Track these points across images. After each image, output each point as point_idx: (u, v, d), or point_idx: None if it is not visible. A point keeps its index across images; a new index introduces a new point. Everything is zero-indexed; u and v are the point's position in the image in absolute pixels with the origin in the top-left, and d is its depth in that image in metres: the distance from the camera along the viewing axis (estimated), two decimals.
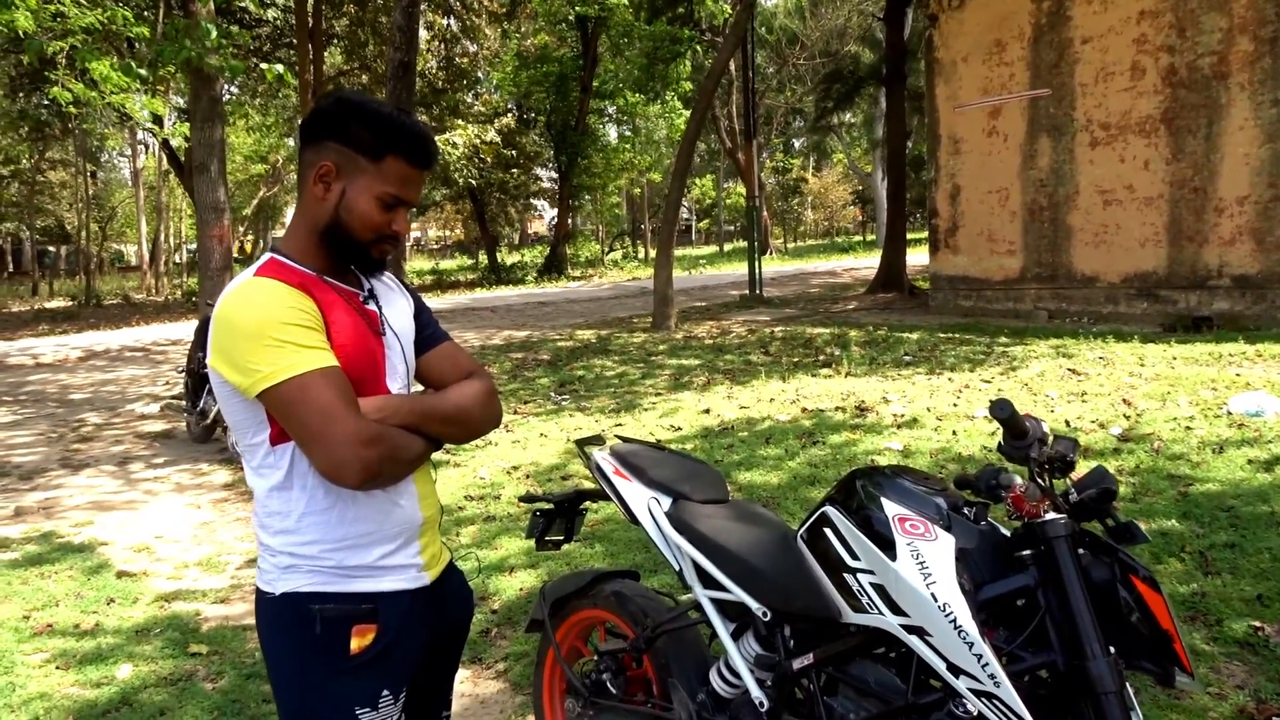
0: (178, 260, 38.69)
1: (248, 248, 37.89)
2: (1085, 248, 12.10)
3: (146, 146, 35.39)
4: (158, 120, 11.61)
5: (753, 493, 5.07)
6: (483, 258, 34.59)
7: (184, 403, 7.85)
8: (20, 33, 9.20)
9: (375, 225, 1.55)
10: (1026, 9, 12.45)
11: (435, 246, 54.30)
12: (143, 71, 8.91)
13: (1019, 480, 1.81)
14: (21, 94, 21.70)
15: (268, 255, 1.59)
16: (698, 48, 23.03)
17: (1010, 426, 1.72)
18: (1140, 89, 11.31)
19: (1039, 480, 1.72)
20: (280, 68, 10.82)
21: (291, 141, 36.49)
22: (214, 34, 8.89)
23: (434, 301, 21.66)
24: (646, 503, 2.29)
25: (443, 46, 24.59)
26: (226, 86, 23.26)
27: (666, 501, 2.29)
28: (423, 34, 23.39)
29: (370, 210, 1.53)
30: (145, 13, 15.82)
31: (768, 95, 35.01)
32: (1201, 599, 3.36)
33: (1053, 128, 12.30)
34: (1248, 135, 10.37)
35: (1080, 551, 1.67)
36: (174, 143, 19.21)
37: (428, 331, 1.74)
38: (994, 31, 12.87)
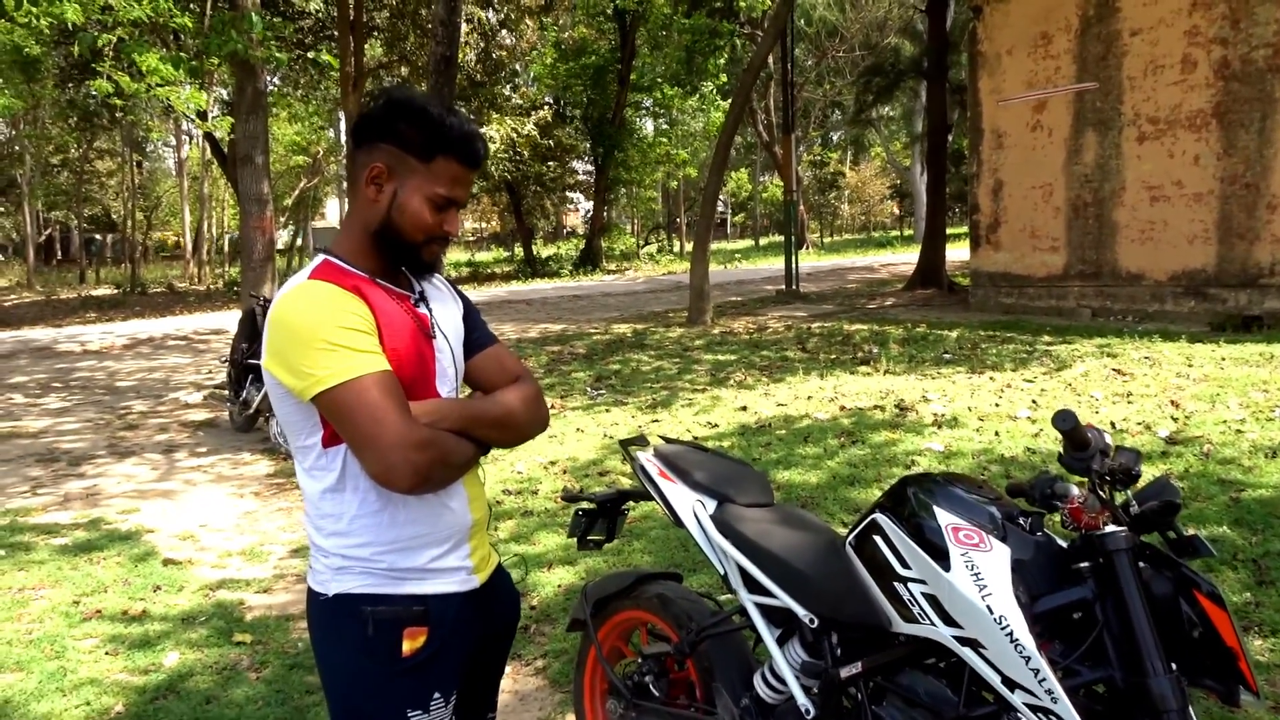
0: (220, 250, 39.31)
1: (287, 239, 38.37)
2: (1131, 245, 11.86)
3: (191, 137, 35.97)
4: (201, 114, 11.74)
5: (792, 492, 5.04)
6: (518, 250, 34.74)
7: (227, 392, 7.98)
8: (70, 25, 9.35)
9: (426, 226, 1.56)
10: (1074, 1, 12.21)
11: (471, 239, 54.61)
12: (193, 64, 9.03)
13: (1076, 490, 1.77)
14: (70, 85, 22.12)
15: (321, 257, 1.59)
16: (736, 41, 22.89)
17: (1073, 438, 1.68)
18: (1191, 82, 11.05)
19: (1099, 492, 1.68)
20: (326, 56, 10.92)
21: (332, 133, 36.87)
22: (259, 26, 8.99)
23: (470, 294, 21.78)
24: (691, 505, 2.27)
25: (481, 39, 24.65)
26: (269, 78, 23.56)
27: (711, 504, 2.27)
28: (462, 27, 23.51)
29: (421, 211, 1.54)
30: (191, 5, 16.04)
31: (806, 88, 34.70)
32: (1256, 609, 3.28)
33: (1099, 122, 12.06)
34: None
35: (1141, 565, 1.63)
36: (217, 134, 19.50)
37: (476, 334, 1.74)
38: (1040, 24, 12.63)
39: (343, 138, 30.81)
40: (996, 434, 5.89)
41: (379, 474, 1.44)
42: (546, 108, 29.13)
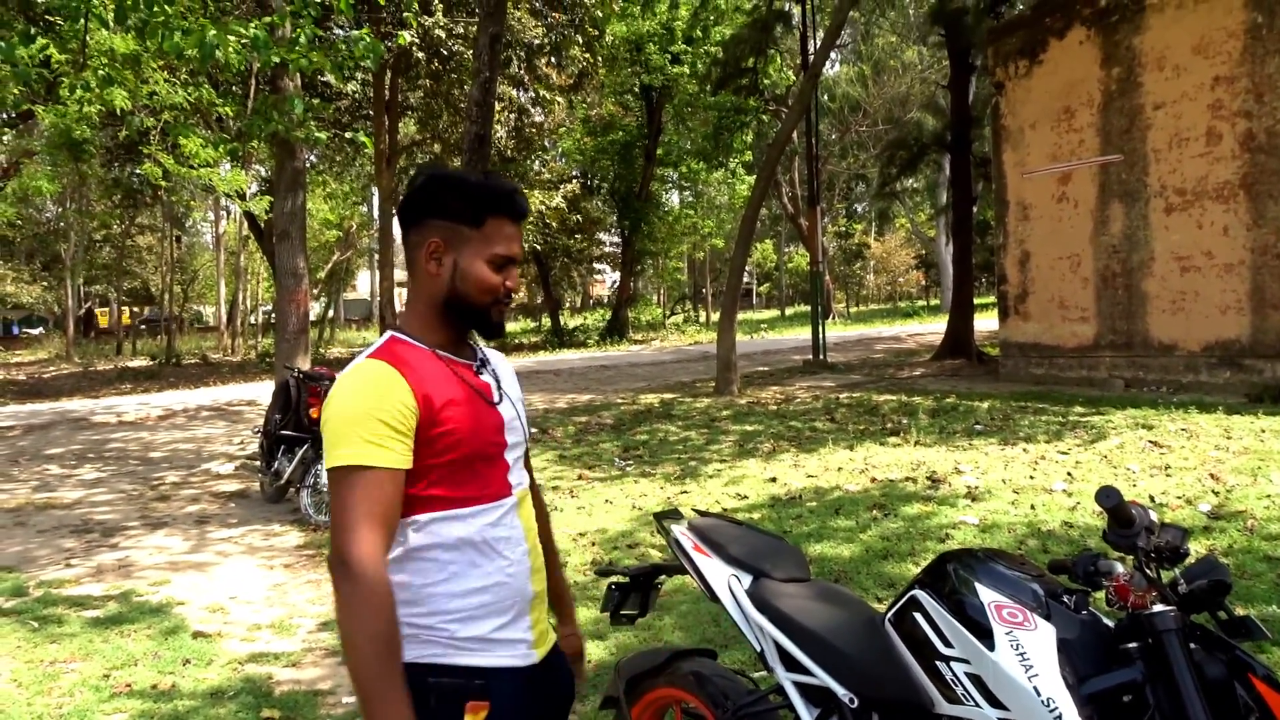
0: (253, 322, 40.05)
1: (319, 310, 39.07)
2: (1162, 315, 11.78)
3: (228, 212, 37.00)
4: (240, 194, 12.12)
5: (825, 566, 4.96)
6: (546, 320, 35.08)
7: (258, 463, 8.04)
8: (118, 109, 9.75)
9: (491, 287, 1.63)
10: (1096, 76, 12.38)
11: None
12: (234, 145, 9.37)
13: (1120, 568, 1.74)
14: (116, 164, 22.94)
15: (389, 335, 1.65)
16: (762, 117, 23.35)
17: (1117, 515, 1.66)
18: (1217, 154, 11.09)
19: (1146, 570, 1.65)
20: (365, 137, 11.29)
21: (365, 208, 37.79)
22: (300, 108, 9.33)
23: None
24: (727, 580, 2.25)
25: (513, 116, 25.38)
26: (307, 156, 24.32)
27: (747, 579, 2.25)
28: (495, 106, 24.21)
29: (484, 275, 1.62)
30: (234, 88, 16.69)
31: (830, 162, 35.22)
32: None
33: (1125, 193, 12.10)
34: None
35: (1192, 646, 1.59)
36: (255, 211, 20.12)
37: None
38: (1062, 99, 12.80)
39: (375, 212, 31.56)
40: (1032, 507, 5.79)
41: (330, 553, 1.50)
42: (575, 181, 29.75)
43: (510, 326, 41.19)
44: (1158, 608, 1.61)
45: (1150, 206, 11.83)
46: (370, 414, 1.49)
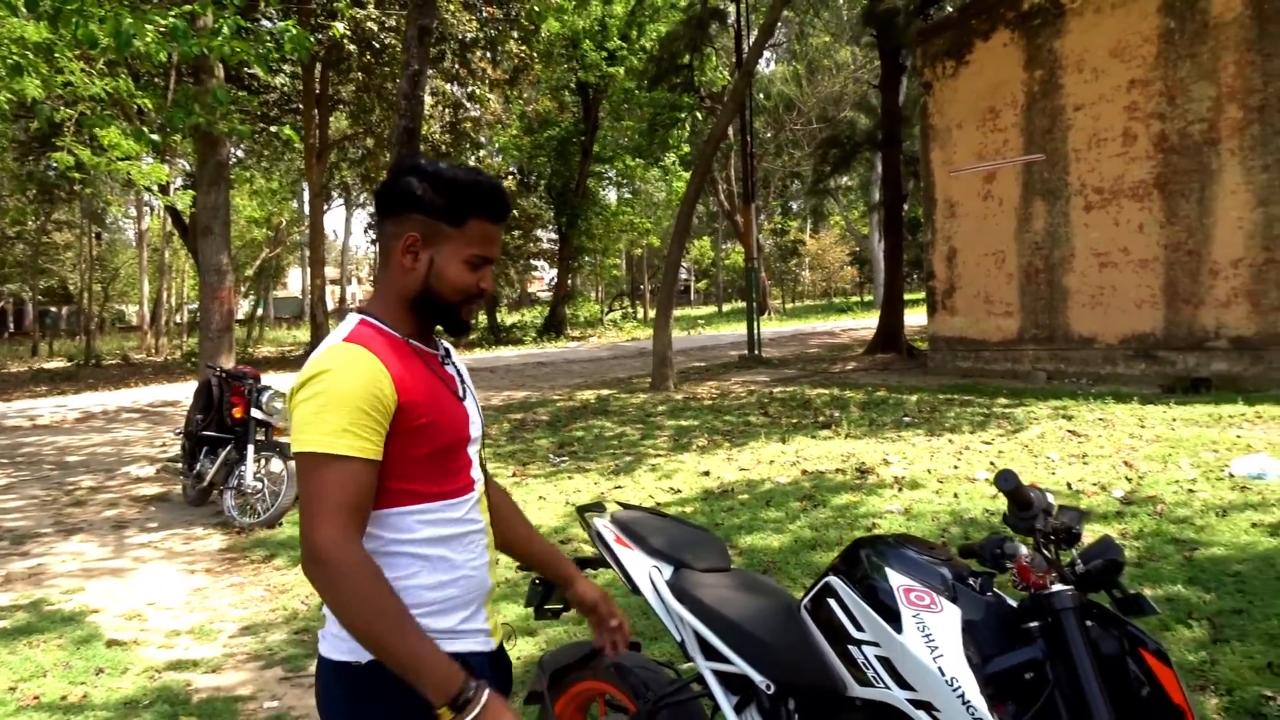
0: (178, 321, 38.87)
1: (248, 308, 38.08)
2: (1082, 309, 12.17)
3: (151, 208, 35.86)
4: (163, 187, 11.75)
5: (755, 557, 5.01)
6: (482, 318, 34.75)
7: (180, 465, 7.80)
8: (30, 99, 9.36)
9: (465, 287, 1.60)
10: (1019, 78, 12.73)
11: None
12: (154, 137, 9.06)
13: (1024, 550, 1.79)
14: (30, 157, 22.04)
15: (357, 318, 1.60)
16: (697, 114, 23.48)
17: (1015, 498, 1.71)
18: (1132, 154, 11.50)
19: (1044, 551, 1.70)
20: (292, 132, 11.02)
21: (295, 204, 36.97)
22: (224, 99, 9.08)
23: None
24: (648, 572, 2.26)
25: (448, 111, 25.06)
26: (232, 150, 23.66)
27: (668, 570, 2.26)
28: (428, 100, 23.87)
29: (460, 274, 1.59)
30: (156, 79, 16.15)
31: (765, 159, 35.58)
32: (1211, 667, 3.30)
33: (1047, 192, 12.47)
34: (1240, 200, 10.51)
35: (1089, 624, 1.64)
36: (179, 205, 19.53)
37: None
38: (987, 99, 13.14)
39: (306, 208, 30.89)
40: (955, 496, 5.93)
41: (302, 550, 1.44)
42: (511, 178, 29.53)
43: None
44: (1056, 587, 1.65)
45: (1071, 204, 12.22)
46: (349, 400, 1.45)
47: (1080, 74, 12.02)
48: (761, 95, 35.06)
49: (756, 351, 17.25)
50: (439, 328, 1.68)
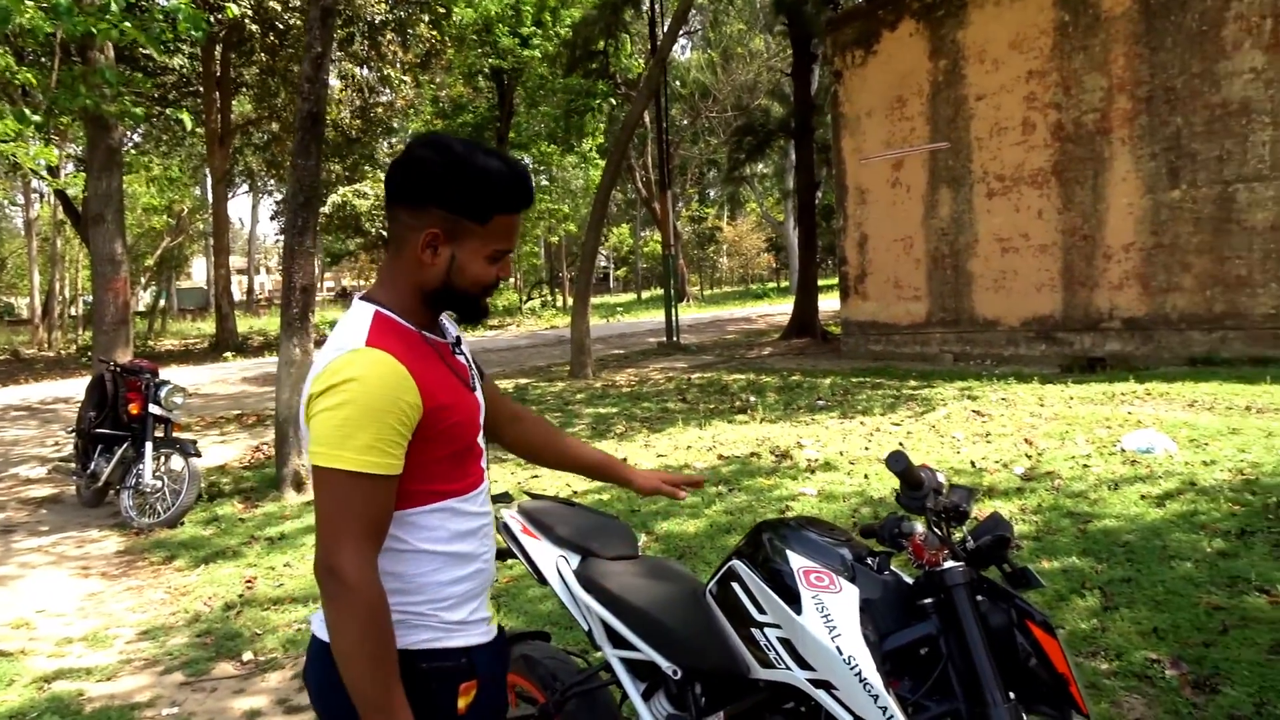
0: (72, 313, 37.03)
1: (149, 300, 36.51)
2: (986, 293, 12.59)
3: (41, 195, 34.01)
4: (52, 170, 11.13)
5: (671, 543, 5.04)
6: None
7: (73, 465, 7.43)
8: None
9: (486, 282, 1.56)
10: (925, 67, 13.05)
11: (348, 296, 53.27)
12: (37, 118, 8.55)
13: (920, 529, 1.83)
14: None
15: (372, 310, 1.51)
16: (613, 99, 23.43)
17: (906, 478, 1.74)
18: (1031, 143, 11.92)
19: (936, 529, 1.74)
20: (186, 115, 10.56)
21: (198, 191, 35.54)
22: (114, 80, 8.63)
23: None
24: (555, 561, 2.24)
25: (356, 96, 24.40)
26: (127, 135, 22.58)
27: (575, 559, 2.24)
28: (336, 83, 23.19)
29: (481, 270, 1.54)
30: (41, 59, 15.27)
31: (682, 147, 35.74)
32: (1102, 633, 3.45)
33: (952, 179, 12.84)
34: (1130, 186, 11.00)
35: (979, 599, 1.69)
36: (70, 192, 18.52)
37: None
38: (895, 88, 13.43)
39: (209, 195, 29.75)
40: (866, 477, 6.07)
41: (317, 558, 1.43)
42: None
43: None
44: (948, 564, 1.70)
45: (974, 191, 12.60)
46: (376, 414, 1.39)
47: (982, 64, 12.39)
48: (677, 83, 35.18)
49: (675, 338, 17.34)
50: (451, 312, 1.63)
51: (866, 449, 6.97)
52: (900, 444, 7.03)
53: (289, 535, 5.92)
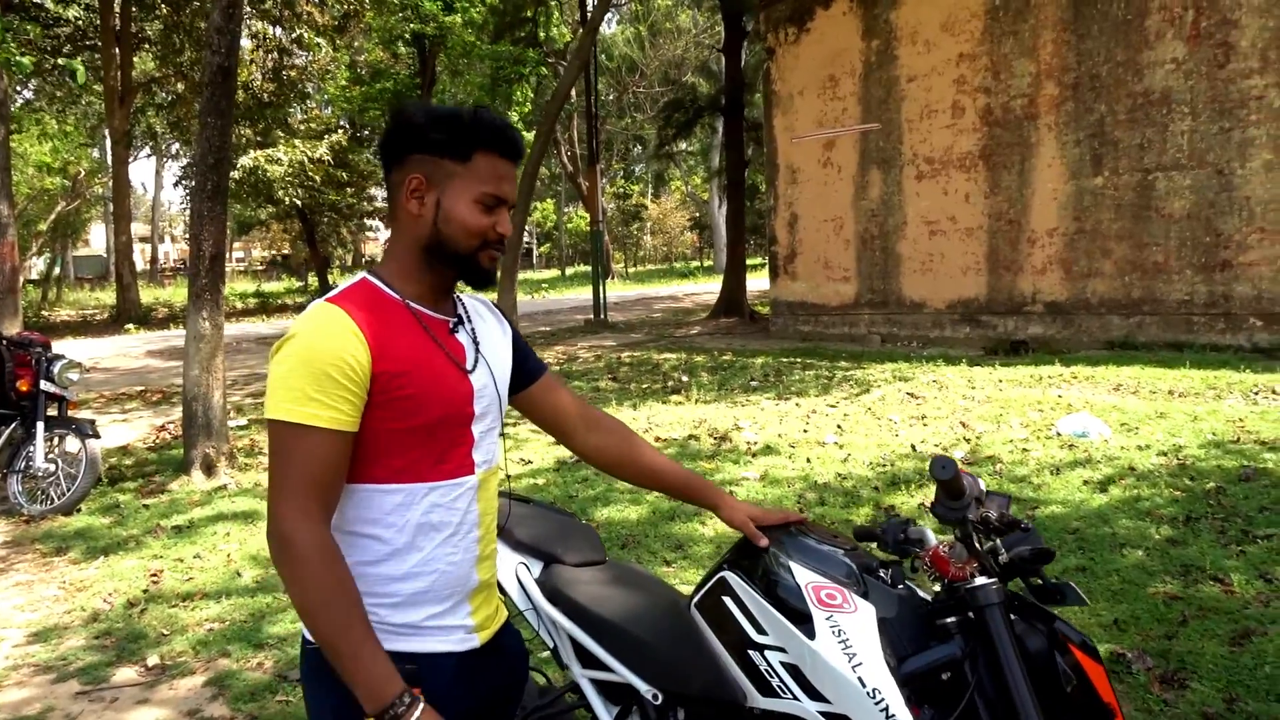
0: None
1: (43, 267, 34.46)
2: (914, 275, 12.68)
3: None
4: None
5: (612, 530, 4.82)
6: (313, 280, 32.96)
7: None
8: None
9: (478, 230, 1.46)
10: (857, 47, 13.00)
11: (260, 268, 51.24)
12: None
13: (932, 536, 1.65)
14: None
15: (360, 277, 1.49)
16: (542, 69, 22.89)
17: (950, 487, 1.54)
18: (960, 127, 12.00)
19: (974, 542, 1.54)
20: (79, 66, 9.79)
21: (96, 153, 33.59)
22: None
23: (258, 326, 20.32)
24: (514, 569, 1.99)
25: (268, 58, 23.23)
26: (16, 89, 21.07)
27: (536, 567, 2.00)
28: (247, 43, 22.04)
29: (470, 215, 1.45)
30: None
31: (609, 122, 35.30)
32: None
33: (882, 160, 12.86)
34: (1055, 172, 11.17)
35: (1012, 618, 1.51)
36: None
37: (529, 364, 1.70)
38: (828, 67, 13.36)
39: (109, 157, 28.07)
40: (808, 460, 5.96)
41: (267, 524, 1.38)
42: (341, 131, 27.89)
43: (271, 286, 38.37)
44: (980, 580, 1.51)
45: (904, 173, 12.65)
46: (316, 365, 1.35)
47: (914, 46, 12.40)
48: (605, 56, 34.64)
49: (602, 315, 17.09)
50: (461, 284, 1.55)
51: (805, 431, 6.87)
52: (839, 426, 6.96)
53: (198, 524, 5.50)
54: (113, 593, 4.45)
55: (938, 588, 1.62)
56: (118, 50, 21.18)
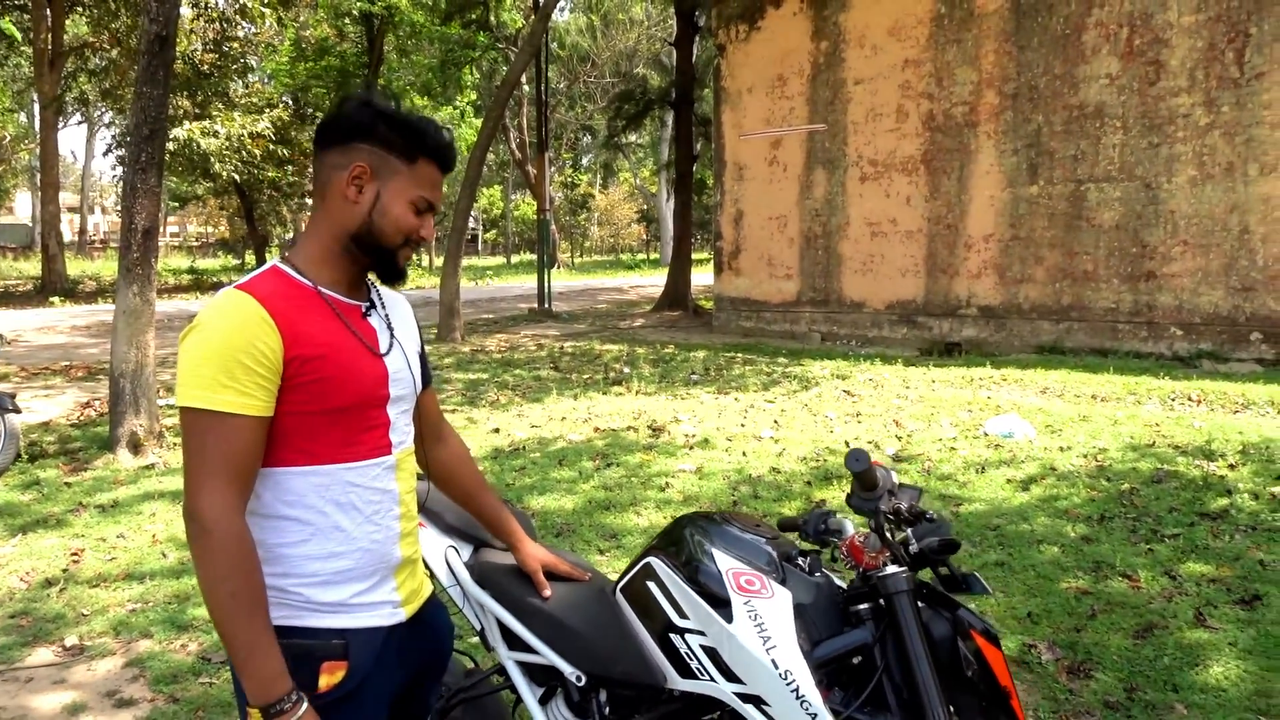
0: None
1: None
2: (854, 275, 12.91)
3: None
4: None
5: (547, 519, 4.84)
6: (250, 258, 32.19)
7: None
8: None
9: (408, 229, 1.52)
10: (806, 48, 13.16)
11: (195, 244, 49.85)
12: None
13: (851, 527, 1.71)
14: None
15: (270, 265, 1.52)
16: (493, 53, 22.68)
17: (864, 479, 1.60)
18: (904, 131, 12.23)
19: (884, 533, 1.61)
20: (9, 24, 9.42)
21: (23, 117, 32.32)
22: None
23: (190, 304, 19.80)
24: (443, 552, 2.00)
25: (210, 27, 22.58)
26: None
27: (466, 550, 2.01)
28: (187, 11, 21.40)
29: (404, 213, 1.51)
30: None
31: (559, 111, 35.11)
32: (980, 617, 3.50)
33: (827, 161, 13.05)
34: (993, 179, 11.46)
35: (920, 605, 1.58)
36: None
37: (424, 367, 1.72)
38: (777, 66, 13.50)
39: (36, 123, 27.02)
40: (744, 454, 6.05)
41: (183, 508, 1.41)
42: (284, 107, 27.26)
43: (207, 263, 37.39)
44: (890, 569, 1.58)
45: (848, 175, 12.86)
46: (226, 351, 1.36)
47: (861, 49, 12.59)
48: (556, 45, 34.41)
49: (547, 305, 17.05)
50: (372, 275, 1.58)
51: (743, 425, 6.96)
52: (775, 421, 7.07)
53: (123, 502, 5.37)
54: (30, 571, 4.33)
55: (854, 576, 1.69)
56: (49, 10, 20.40)
